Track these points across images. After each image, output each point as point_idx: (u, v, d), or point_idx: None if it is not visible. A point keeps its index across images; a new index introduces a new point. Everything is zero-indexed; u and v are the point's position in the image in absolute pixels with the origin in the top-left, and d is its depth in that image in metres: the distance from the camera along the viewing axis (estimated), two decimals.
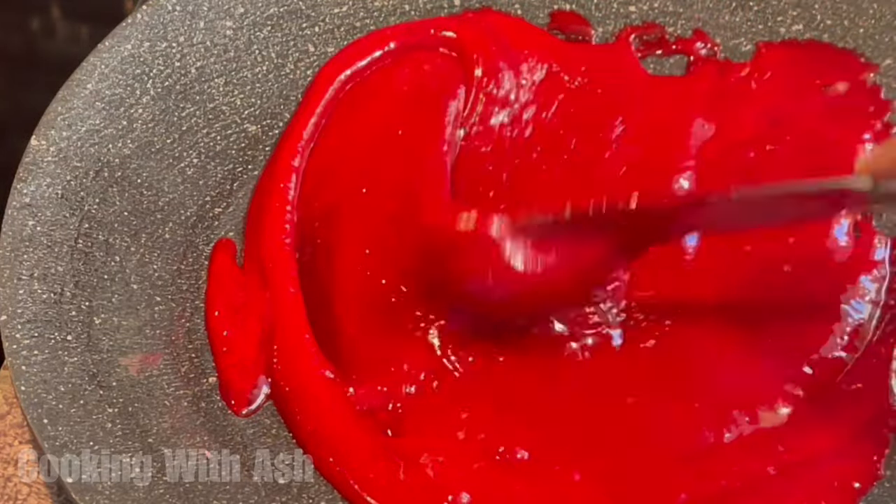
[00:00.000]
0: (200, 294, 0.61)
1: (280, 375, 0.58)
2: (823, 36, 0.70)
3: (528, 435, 0.57)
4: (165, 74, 0.65)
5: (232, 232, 0.64)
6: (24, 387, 0.54)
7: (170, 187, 0.63)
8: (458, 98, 0.67)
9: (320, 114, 0.66)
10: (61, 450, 0.52)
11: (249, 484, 0.55)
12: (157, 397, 0.57)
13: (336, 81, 0.67)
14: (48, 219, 0.59)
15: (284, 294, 0.60)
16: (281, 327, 0.59)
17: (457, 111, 0.66)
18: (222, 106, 0.66)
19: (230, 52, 0.67)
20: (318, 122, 0.66)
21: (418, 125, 0.66)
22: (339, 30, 0.70)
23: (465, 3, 0.71)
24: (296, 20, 0.69)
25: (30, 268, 0.57)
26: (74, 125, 0.62)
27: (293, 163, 0.64)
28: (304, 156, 0.65)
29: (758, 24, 0.70)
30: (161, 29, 0.66)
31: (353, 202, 0.63)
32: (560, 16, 0.71)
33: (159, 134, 0.64)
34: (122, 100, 0.64)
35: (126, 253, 0.61)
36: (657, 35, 0.71)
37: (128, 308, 0.59)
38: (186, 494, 0.54)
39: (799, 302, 0.61)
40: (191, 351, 0.60)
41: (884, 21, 0.69)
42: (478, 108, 0.67)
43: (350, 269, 0.61)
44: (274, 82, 0.68)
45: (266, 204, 0.63)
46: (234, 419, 0.58)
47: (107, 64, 0.64)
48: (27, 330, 0.55)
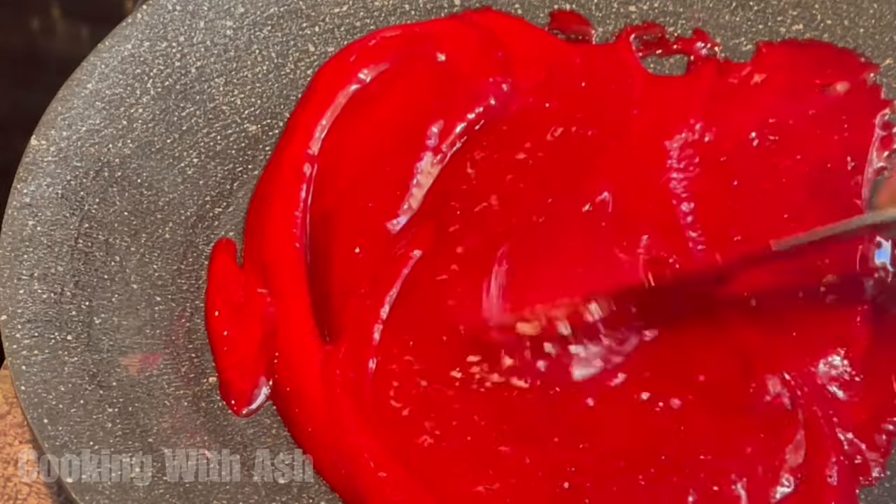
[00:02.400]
0: (200, 294, 0.61)
1: (281, 375, 0.58)
2: (823, 36, 0.70)
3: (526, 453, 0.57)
4: (165, 74, 0.65)
5: (232, 232, 0.64)
6: (25, 387, 0.54)
7: (170, 187, 0.63)
8: (455, 109, 0.67)
9: (327, 118, 0.67)
10: (61, 450, 0.52)
11: (249, 484, 0.55)
12: (157, 397, 0.57)
13: (339, 84, 0.67)
14: (48, 219, 0.59)
15: (287, 295, 0.60)
16: (283, 328, 0.59)
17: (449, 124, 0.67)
18: (222, 106, 0.66)
19: (230, 52, 0.67)
20: (324, 125, 0.66)
21: (414, 135, 0.66)
22: (339, 30, 0.70)
23: (465, 3, 0.71)
24: (296, 20, 0.69)
25: (30, 268, 0.57)
26: (74, 125, 0.62)
27: (304, 168, 0.64)
28: (312, 159, 0.65)
29: (758, 24, 0.70)
30: (161, 29, 0.66)
31: (349, 205, 0.64)
32: (560, 16, 0.71)
33: (159, 134, 0.64)
34: (122, 100, 0.64)
35: (126, 253, 0.61)
36: (657, 35, 0.71)
37: (128, 308, 0.59)
38: (186, 494, 0.54)
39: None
40: (191, 351, 0.60)
41: (884, 21, 0.69)
42: (474, 119, 0.67)
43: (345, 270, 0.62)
44: (274, 82, 0.68)
45: (272, 206, 0.63)
46: (234, 419, 0.58)
47: (107, 64, 0.64)
48: (27, 330, 0.55)
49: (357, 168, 0.65)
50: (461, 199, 0.64)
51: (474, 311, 0.60)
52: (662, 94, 0.69)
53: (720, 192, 0.65)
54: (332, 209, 0.64)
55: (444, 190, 0.64)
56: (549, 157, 0.66)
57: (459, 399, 0.58)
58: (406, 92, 0.68)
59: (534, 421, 0.57)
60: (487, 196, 0.64)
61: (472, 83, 0.68)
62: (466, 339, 0.59)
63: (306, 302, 0.61)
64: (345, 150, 0.66)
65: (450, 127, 0.66)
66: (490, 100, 0.67)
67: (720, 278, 0.60)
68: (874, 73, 0.68)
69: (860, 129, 0.67)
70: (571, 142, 0.67)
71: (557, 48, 0.70)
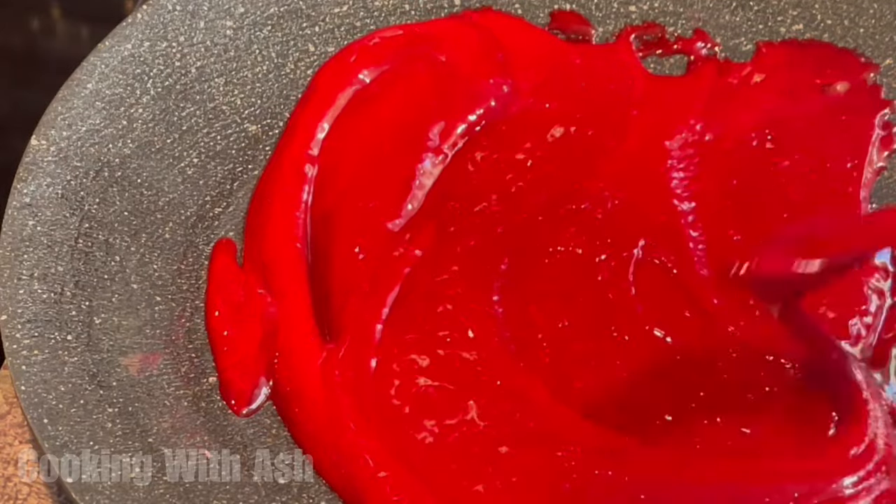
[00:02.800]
0: (200, 294, 0.61)
1: (281, 375, 0.58)
2: (823, 36, 0.70)
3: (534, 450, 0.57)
4: (165, 74, 0.65)
5: (232, 232, 0.64)
6: (25, 386, 0.54)
7: (170, 187, 0.63)
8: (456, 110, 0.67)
9: (328, 118, 0.67)
10: (61, 450, 0.52)
11: (249, 484, 0.55)
12: (157, 397, 0.57)
13: (339, 84, 0.67)
14: (48, 218, 0.59)
15: (288, 295, 0.60)
16: (283, 327, 0.59)
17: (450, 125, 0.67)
18: (222, 106, 0.66)
19: (230, 52, 0.67)
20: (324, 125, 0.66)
21: (416, 135, 0.66)
22: (340, 29, 0.70)
23: (465, 3, 0.71)
24: (296, 20, 0.69)
25: (30, 267, 0.57)
26: (74, 125, 0.62)
27: (304, 168, 0.64)
28: (312, 159, 0.65)
29: (758, 24, 0.70)
30: (161, 29, 0.66)
31: (349, 205, 0.64)
32: (560, 16, 0.71)
33: (159, 134, 0.64)
34: (122, 99, 0.64)
35: (126, 253, 0.61)
36: (657, 35, 0.71)
37: (128, 308, 0.59)
38: (186, 494, 0.54)
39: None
40: (191, 351, 0.59)
41: (884, 21, 0.69)
42: (475, 120, 0.67)
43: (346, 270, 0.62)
44: (274, 82, 0.68)
45: (272, 206, 0.63)
46: (234, 419, 0.58)
47: (107, 64, 0.64)
48: (27, 330, 0.55)
49: (357, 168, 0.65)
50: (461, 200, 0.64)
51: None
52: (662, 94, 0.69)
53: (720, 192, 0.65)
54: (332, 209, 0.64)
55: (445, 190, 0.64)
56: (549, 157, 0.66)
57: (460, 398, 0.58)
58: (406, 92, 0.68)
59: (535, 421, 0.57)
60: (487, 196, 0.64)
61: (473, 84, 0.68)
62: (467, 338, 0.59)
63: (307, 302, 0.61)
64: (345, 151, 0.66)
65: (450, 127, 0.66)
66: (490, 101, 0.67)
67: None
68: (874, 73, 0.68)
69: (860, 129, 0.67)
70: (571, 142, 0.67)
71: (557, 48, 0.70)
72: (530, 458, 0.56)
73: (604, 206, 0.64)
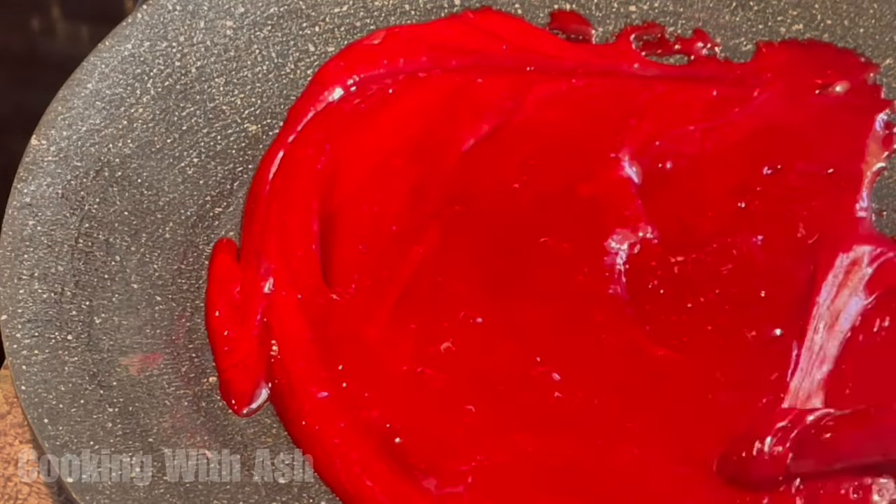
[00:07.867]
0: (201, 294, 0.61)
1: (280, 375, 0.58)
2: (823, 36, 0.70)
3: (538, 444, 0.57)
4: (165, 74, 0.65)
5: (232, 232, 0.64)
6: (25, 386, 0.54)
7: (170, 187, 0.63)
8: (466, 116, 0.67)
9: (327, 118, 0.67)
10: (61, 449, 0.52)
11: (249, 484, 0.55)
12: (158, 397, 0.57)
13: (339, 84, 0.68)
14: (48, 218, 0.59)
15: (289, 295, 0.60)
16: (283, 328, 0.59)
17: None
18: (222, 105, 0.66)
19: (230, 52, 0.67)
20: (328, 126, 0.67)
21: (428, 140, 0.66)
22: (340, 29, 0.70)
23: (465, 3, 0.71)
24: (296, 20, 0.69)
25: (30, 267, 0.57)
26: (74, 125, 0.62)
27: (304, 168, 0.64)
28: (313, 159, 0.65)
29: (758, 24, 0.71)
30: (161, 29, 0.66)
31: (352, 206, 0.64)
32: (560, 16, 0.71)
33: (159, 133, 0.64)
34: (123, 99, 0.64)
35: (126, 252, 0.61)
36: (657, 35, 0.71)
37: (128, 308, 0.59)
38: (187, 494, 0.54)
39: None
40: (191, 351, 0.59)
41: (884, 21, 0.69)
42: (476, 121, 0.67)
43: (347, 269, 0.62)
44: (274, 82, 0.68)
45: (273, 206, 0.63)
46: (234, 419, 0.58)
47: (107, 64, 0.64)
48: (27, 329, 0.55)
49: (359, 169, 0.65)
50: (464, 201, 0.64)
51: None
52: (662, 98, 0.69)
53: (720, 192, 0.65)
54: (335, 210, 0.64)
55: (448, 191, 0.64)
56: (549, 157, 0.66)
57: (461, 391, 0.58)
58: (407, 92, 0.68)
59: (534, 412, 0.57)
60: (490, 197, 0.64)
61: (479, 88, 0.68)
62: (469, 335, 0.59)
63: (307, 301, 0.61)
64: (347, 151, 0.66)
65: (452, 128, 0.66)
66: (497, 105, 0.67)
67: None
68: (874, 73, 0.68)
69: (860, 129, 0.67)
70: (572, 142, 0.67)
71: (557, 48, 0.70)
72: (532, 446, 0.56)
73: (604, 206, 0.64)
